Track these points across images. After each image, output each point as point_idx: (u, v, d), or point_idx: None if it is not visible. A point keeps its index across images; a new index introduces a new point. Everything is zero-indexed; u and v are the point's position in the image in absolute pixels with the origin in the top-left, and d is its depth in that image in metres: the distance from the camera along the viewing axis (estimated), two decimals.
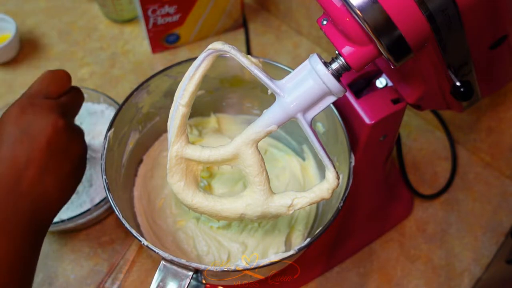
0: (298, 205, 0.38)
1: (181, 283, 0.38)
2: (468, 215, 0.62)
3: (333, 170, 0.37)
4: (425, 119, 0.70)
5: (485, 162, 0.66)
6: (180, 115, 0.38)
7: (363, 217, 0.57)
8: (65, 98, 0.45)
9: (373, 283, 0.57)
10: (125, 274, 0.56)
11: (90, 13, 0.82)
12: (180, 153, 0.39)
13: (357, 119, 0.45)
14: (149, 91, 0.50)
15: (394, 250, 0.59)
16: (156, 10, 0.69)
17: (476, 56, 0.38)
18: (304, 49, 0.78)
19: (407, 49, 0.31)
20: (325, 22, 0.34)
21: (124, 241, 0.58)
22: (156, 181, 0.55)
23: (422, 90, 0.43)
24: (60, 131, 0.41)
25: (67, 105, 0.45)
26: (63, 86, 0.45)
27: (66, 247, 0.58)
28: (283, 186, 0.55)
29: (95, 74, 0.74)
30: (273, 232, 0.52)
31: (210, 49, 0.36)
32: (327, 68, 0.34)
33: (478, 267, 0.58)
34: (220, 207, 0.40)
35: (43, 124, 0.40)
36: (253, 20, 0.82)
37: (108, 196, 0.42)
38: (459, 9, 0.31)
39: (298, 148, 0.58)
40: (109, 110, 0.64)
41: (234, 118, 0.60)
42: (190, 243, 0.51)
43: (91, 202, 0.57)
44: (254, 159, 0.38)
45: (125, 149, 0.51)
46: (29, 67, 0.75)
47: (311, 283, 0.56)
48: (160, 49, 0.76)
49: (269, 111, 0.37)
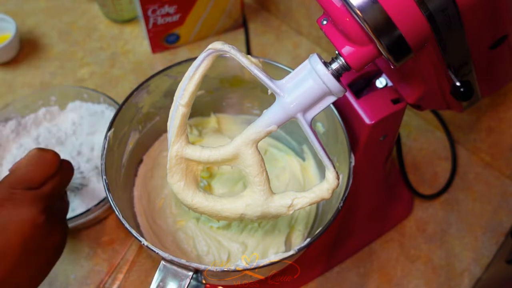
0: (298, 205, 0.38)
1: (181, 283, 0.38)
2: (468, 215, 0.62)
3: (333, 170, 0.37)
4: (425, 119, 0.70)
5: (485, 162, 0.66)
6: (180, 115, 0.38)
7: (363, 217, 0.57)
8: (51, 183, 0.41)
9: (373, 283, 0.57)
10: (125, 274, 0.56)
11: (90, 13, 0.82)
12: (180, 153, 0.39)
13: (357, 119, 0.45)
14: (149, 91, 0.50)
15: (394, 250, 0.59)
16: (156, 10, 0.69)
17: (476, 56, 0.38)
18: (304, 49, 0.78)
19: (407, 49, 0.31)
20: (325, 22, 0.34)
21: (124, 241, 0.58)
22: (156, 181, 0.55)
23: (422, 90, 0.43)
24: (39, 227, 0.39)
25: (52, 193, 0.42)
26: (50, 172, 0.41)
27: (66, 247, 0.57)
28: (283, 186, 0.55)
29: (95, 74, 0.74)
30: (273, 232, 0.52)
31: (210, 49, 0.36)
32: (327, 68, 0.34)
33: (478, 267, 0.58)
34: (220, 207, 0.40)
35: (21, 221, 0.38)
36: (253, 20, 0.82)
37: (108, 196, 0.42)
38: (459, 9, 0.31)
39: (298, 148, 0.58)
40: (109, 110, 0.64)
41: (234, 118, 0.60)
42: (190, 243, 0.51)
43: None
44: (254, 159, 0.38)
45: (125, 149, 0.51)
46: (29, 67, 0.75)
47: (311, 283, 0.56)
48: (160, 49, 0.76)
49: (269, 111, 0.37)
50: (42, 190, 0.40)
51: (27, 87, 0.73)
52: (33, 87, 0.72)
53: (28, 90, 0.72)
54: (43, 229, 0.39)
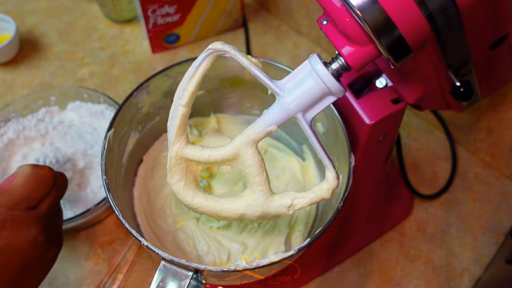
0: (298, 205, 0.38)
1: (181, 283, 0.38)
2: (468, 215, 0.62)
3: (333, 170, 0.37)
4: (425, 119, 0.70)
5: (485, 162, 0.66)
6: (180, 115, 0.38)
7: (363, 217, 0.57)
8: (48, 200, 0.41)
9: (373, 283, 0.57)
10: (125, 274, 0.56)
11: (90, 13, 0.82)
12: (180, 153, 0.39)
13: (357, 119, 0.45)
14: (149, 91, 0.50)
15: (394, 250, 0.59)
16: (156, 10, 0.69)
17: (476, 56, 0.38)
18: (304, 49, 0.78)
19: (407, 49, 0.31)
20: (325, 22, 0.34)
21: (124, 241, 0.58)
22: (156, 181, 0.55)
23: (422, 90, 0.43)
24: (39, 246, 0.39)
25: (50, 210, 0.41)
26: (47, 189, 0.41)
27: (66, 247, 0.58)
28: (283, 186, 0.55)
29: (95, 74, 0.74)
30: (273, 232, 0.52)
31: (210, 49, 0.36)
32: (327, 68, 0.34)
33: (478, 267, 0.58)
34: (220, 207, 0.40)
35: (22, 242, 0.38)
36: (253, 20, 0.82)
37: (108, 196, 0.42)
38: (459, 9, 0.31)
39: (298, 148, 0.58)
40: (109, 110, 0.64)
41: (234, 118, 0.60)
42: (190, 243, 0.51)
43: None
44: (254, 159, 0.38)
45: (125, 149, 0.51)
46: (29, 67, 0.75)
47: (311, 283, 0.56)
48: (160, 49, 0.76)
49: (269, 111, 0.37)
50: (40, 209, 0.40)
51: (27, 87, 0.73)
52: (33, 87, 0.72)
53: (28, 90, 0.72)
54: (42, 247, 0.40)
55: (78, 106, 0.65)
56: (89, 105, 0.64)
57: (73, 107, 0.65)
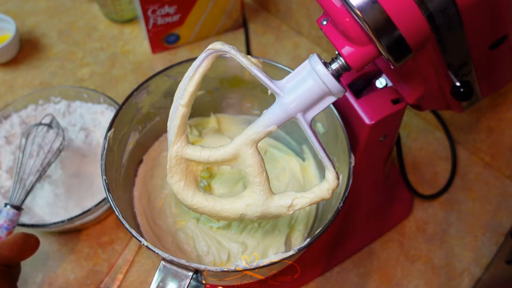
0: (298, 206, 0.38)
1: (181, 283, 0.38)
2: (468, 215, 0.62)
3: (333, 171, 0.37)
4: (425, 119, 0.70)
5: (485, 162, 0.66)
6: (180, 115, 0.38)
7: (363, 217, 0.57)
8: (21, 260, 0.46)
9: (373, 283, 0.57)
10: (125, 274, 0.56)
11: (90, 13, 0.82)
12: (180, 153, 0.39)
13: (357, 119, 0.45)
14: (149, 91, 0.50)
15: (394, 250, 0.59)
16: (156, 10, 0.69)
17: (476, 56, 0.38)
18: (304, 49, 0.78)
19: (407, 49, 0.31)
20: (325, 22, 0.34)
21: (124, 241, 0.58)
22: (156, 181, 0.55)
23: (422, 90, 0.43)
24: None
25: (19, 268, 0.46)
26: (29, 256, 0.46)
27: (66, 247, 0.58)
28: (283, 186, 0.55)
29: (95, 74, 0.74)
30: (273, 232, 0.52)
31: (210, 49, 0.36)
32: (327, 68, 0.34)
33: (478, 267, 0.58)
34: (220, 207, 0.40)
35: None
36: (253, 20, 0.82)
37: (108, 196, 0.42)
38: (459, 9, 0.31)
39: (298, 148, 0.58)
40: (109, 110, 0.64)
41: (234, 118, 0.60)
42: (190, 243, 0.51)
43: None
44: (254, 159, 0.38)
45: (125, 149, 0.51)
46: (29, 67, 0.75)
47: (311, 283, 0.56)
48: (160, 49, 0.76)
49: (269, 111, 0.37)
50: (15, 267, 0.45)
51: (27, 87, 0.73)
52: (33, 87, 0.72)
53: (28, 90, 0.72)
54: None
55: (78, 106, 0.65)
56: (89, 105, 0.64)
57: (73, 107, 0.65)
